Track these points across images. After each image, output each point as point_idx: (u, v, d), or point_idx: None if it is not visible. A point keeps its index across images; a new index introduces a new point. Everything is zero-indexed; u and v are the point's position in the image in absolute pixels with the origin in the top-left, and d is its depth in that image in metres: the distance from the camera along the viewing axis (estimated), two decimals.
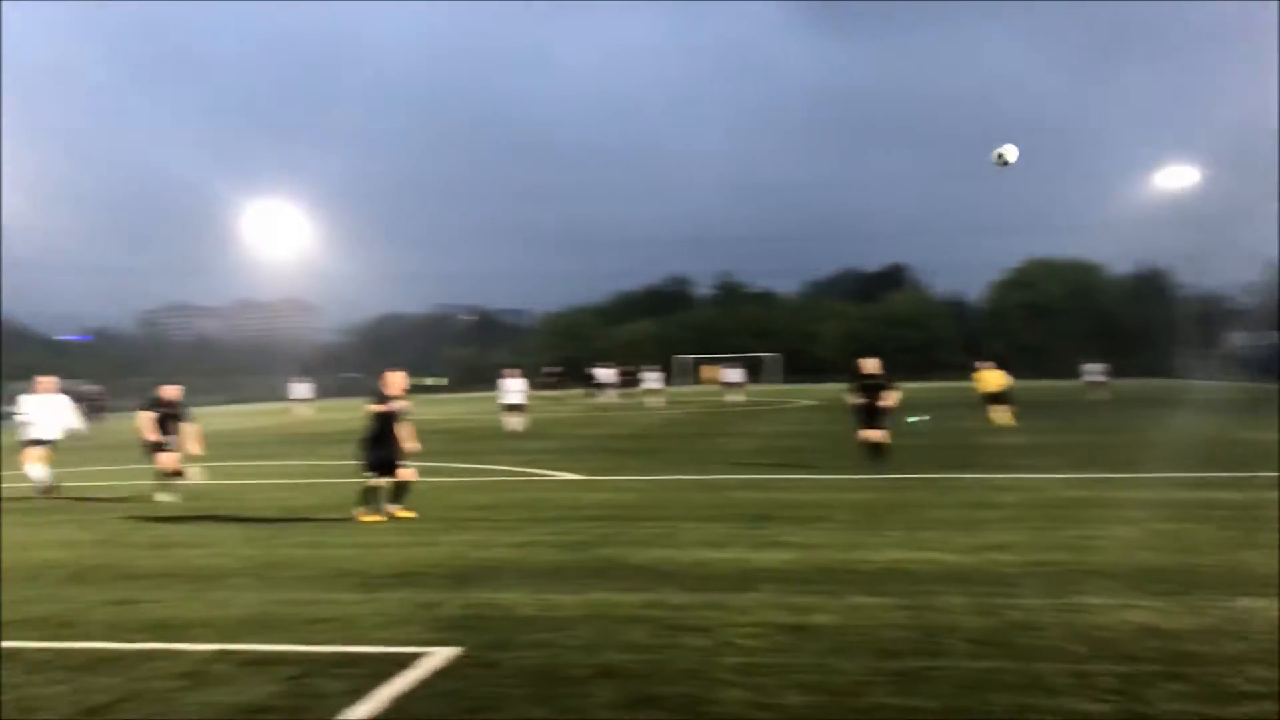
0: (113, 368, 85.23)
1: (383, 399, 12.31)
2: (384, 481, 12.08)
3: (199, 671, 6.00)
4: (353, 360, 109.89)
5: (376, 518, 11.77)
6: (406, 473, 12.21)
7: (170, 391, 15.24)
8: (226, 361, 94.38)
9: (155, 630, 6.98)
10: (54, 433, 15.23)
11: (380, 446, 12.12)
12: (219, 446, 27.44)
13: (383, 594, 7.91)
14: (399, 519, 11.83)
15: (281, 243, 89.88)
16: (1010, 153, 14.25)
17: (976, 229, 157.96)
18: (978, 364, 27.70)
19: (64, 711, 5.35)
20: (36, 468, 14.88)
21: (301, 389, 47.10)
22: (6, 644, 6.73)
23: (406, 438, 12.33)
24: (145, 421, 14.72)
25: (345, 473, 17.82)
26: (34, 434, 15.01)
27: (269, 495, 14.87)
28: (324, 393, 67.97)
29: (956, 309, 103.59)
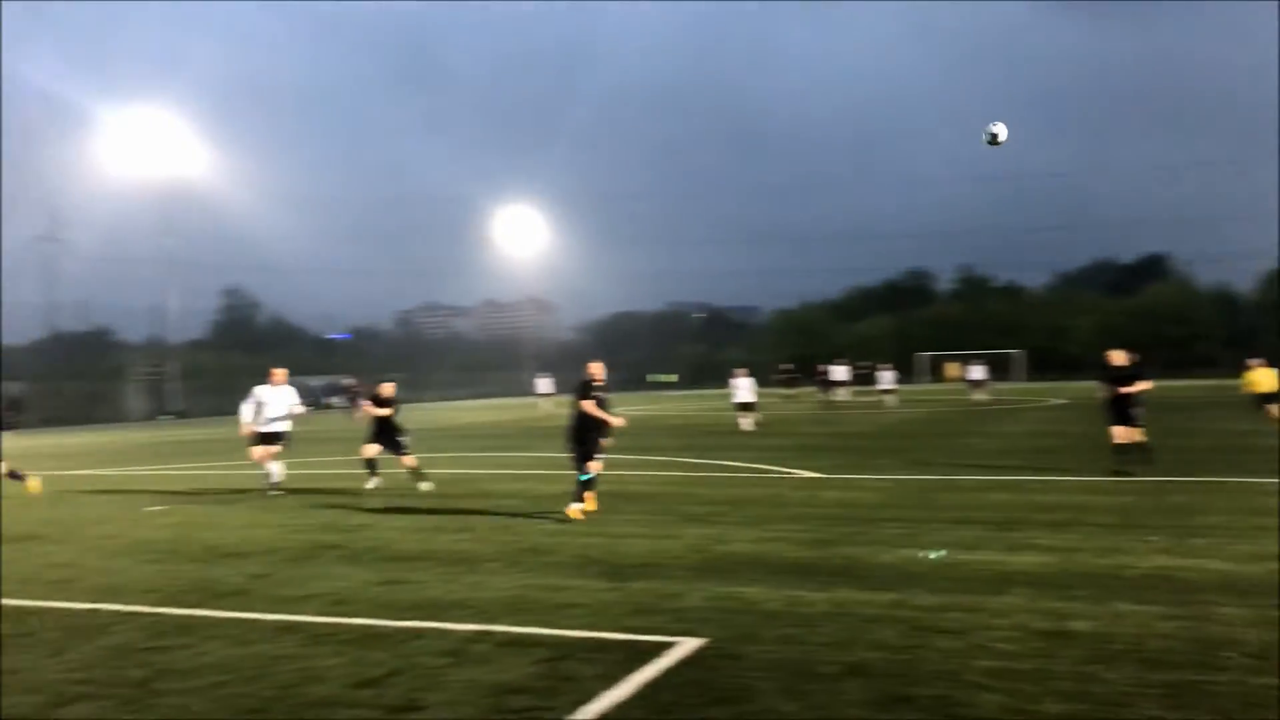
0: (372, 364, 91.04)
1: (584, 391, 12.11)
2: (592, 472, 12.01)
3: (460, 650, 6.31)
4: (589, 357, 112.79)
5: (587, 509, 11.79)
6: (596, 465, 12.04)
7: (387, 389, 15.92)
8: (475, 358, 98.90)
9: (420, 609, 7.40)
10: (285, 423, 15.57)
11: (585, 440, 12.00)
12: (468, 439, 28.86)
13: (629, 583, 8.08)
14: (585, 512, 11.73)
15: (524, 245, 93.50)
16: (1001, 131, 13.50)
17: (1244, 216, 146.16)
18: (1249, 361, 25.52)
19: (343, 682, 5.74)
20: (272, 463, 15.25)
21: (544, 384, 48.84)
22: (290, 617, 7.30)
23: (607, 432, 12.14)
24: (369, 415, 15.81)
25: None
26: (267, 424, 15.35)
27: (517, 485, 15.49)
28: (563, 389, 70.35)
29: (1223, 301, 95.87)
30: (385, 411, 15.71)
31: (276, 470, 15.28)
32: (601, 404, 12.03)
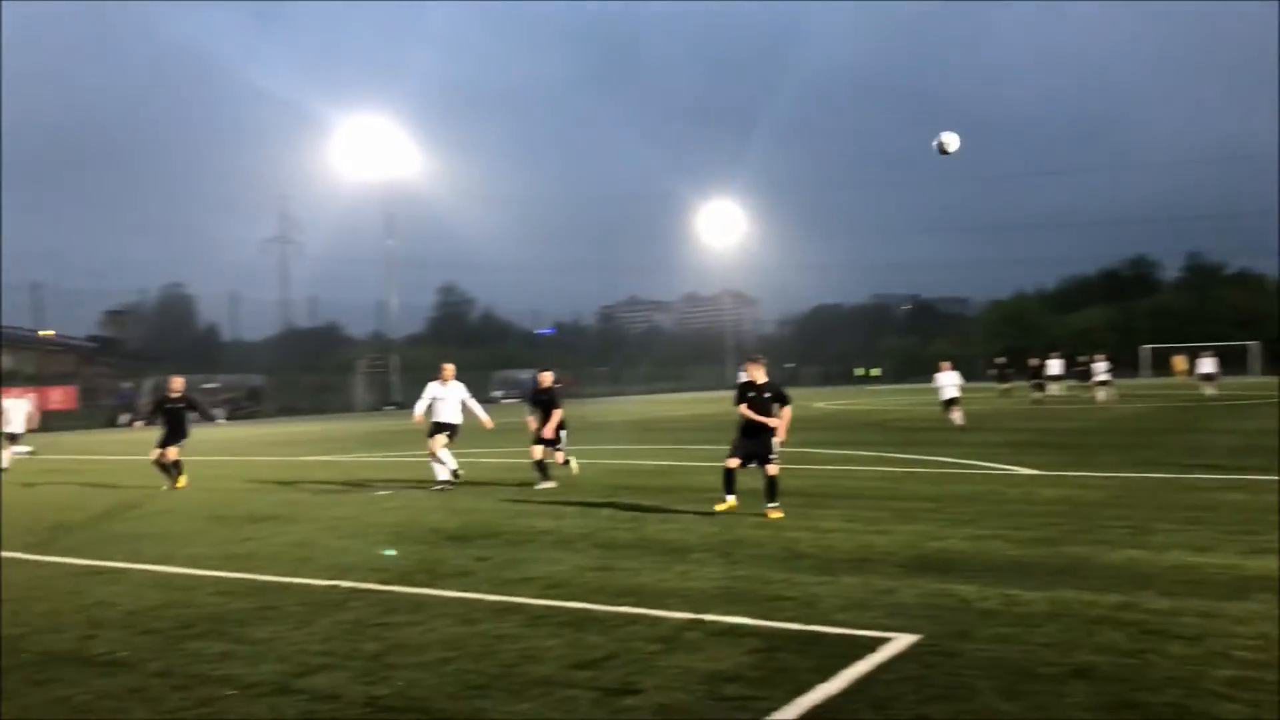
0: (577, 358, 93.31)
1: (745, 391, 11.90)
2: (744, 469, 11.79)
3: (673, 637, 6.42)
4: (789, 351, 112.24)
5: (729, 506, 11.56)
6: (772, 468, 11.62)
7: (546, 379, 15.82)
8: (675, 353, 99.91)
9: (632, 595, 7.57)
10: (456, 417, 15.58)
11: (747, 437, 11.75)
12: (670, 432, 29.23)
13: (840, 577, 8.02)
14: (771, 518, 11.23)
15: (725, 238, 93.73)
16: (951, 141, 13.01)
17: None
18: None
19: (561, 662, 5.94)
20: (444, 453, 15.27)
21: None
22: (511, 599, 7.61)
23: (779, 430, 11.77)
24: (529, 411, 15.67)
25: (787, 460, 18.28)
26: (441, 419, 15.44)
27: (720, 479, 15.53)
28: None
29: None
30: (551, 418, 15.35)
31: (445, 464, 15.26)
32: (758, 406, 11.74)
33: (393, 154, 68.28)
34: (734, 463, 11.70)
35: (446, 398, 15.60)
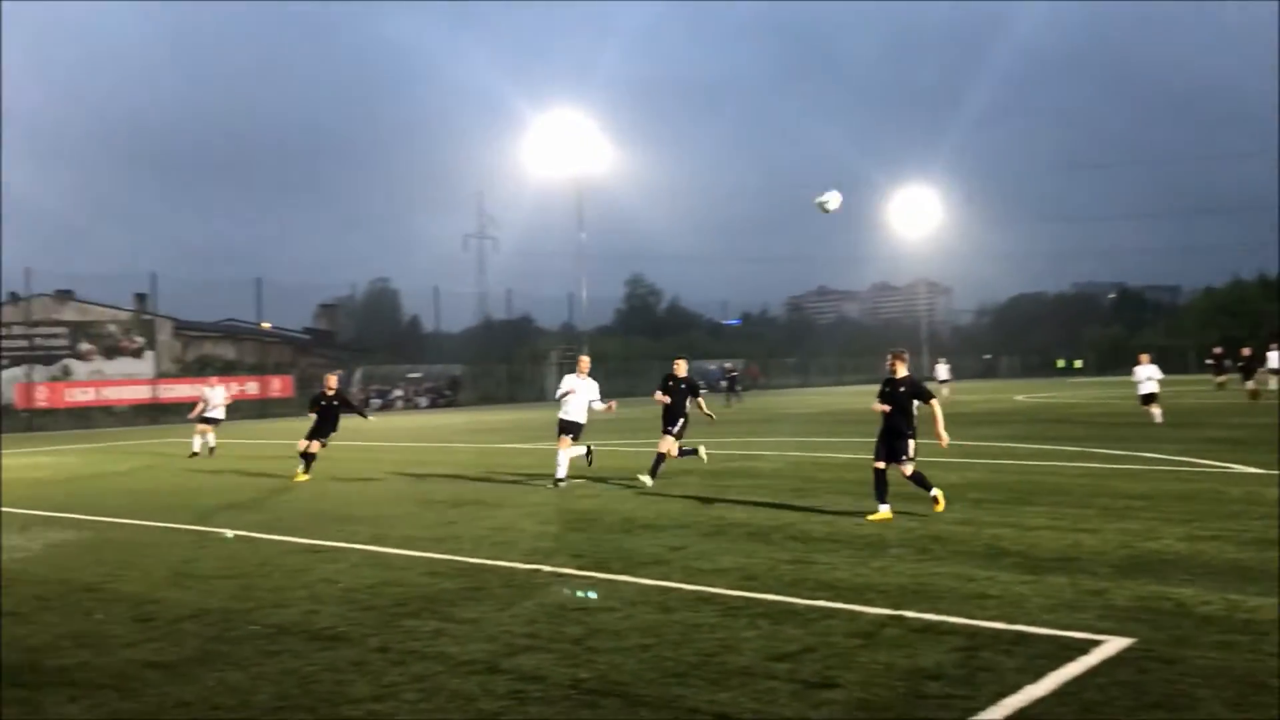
0: (764, 349, 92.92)
1: (887, 387, 11.33)
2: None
3: (872, 633, 6.35)
4: (986, 342, 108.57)
5: (884, 516, 10.81)
6: (907, 468, 11.09)
7: (680, 368, 15.20)
8: (865, 343, 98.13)
9: (829, 590, 7.52)
10: (581, 416, 15.20)
11: (887, 436, 11.21)
12: (859, 424, 28.73)
13: (1046, 577, 7.75)
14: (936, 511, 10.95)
15: (918, 226, 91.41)
16: (832, 200, 12.78)
17: None
18: None
19: (759, 654, 5.97)
20: (564, 454, 14.83)
21: (942, 370, 47.64)
22: (706, 589, 7.68)
23: (936, 430, 11.25)
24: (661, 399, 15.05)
25: (987, 454, 17.71)
26: (568, 416, 15.10)
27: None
28: (962, 374, 68.12)
29: None
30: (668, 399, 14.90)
31: (565, 461, 14.81)
32: (894, 402, 11.19)
33: (584, 149, 69.58)
34: (880, 465, 11.14)
35: (578, 391, 15.21)
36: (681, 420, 14.98)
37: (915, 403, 11.21)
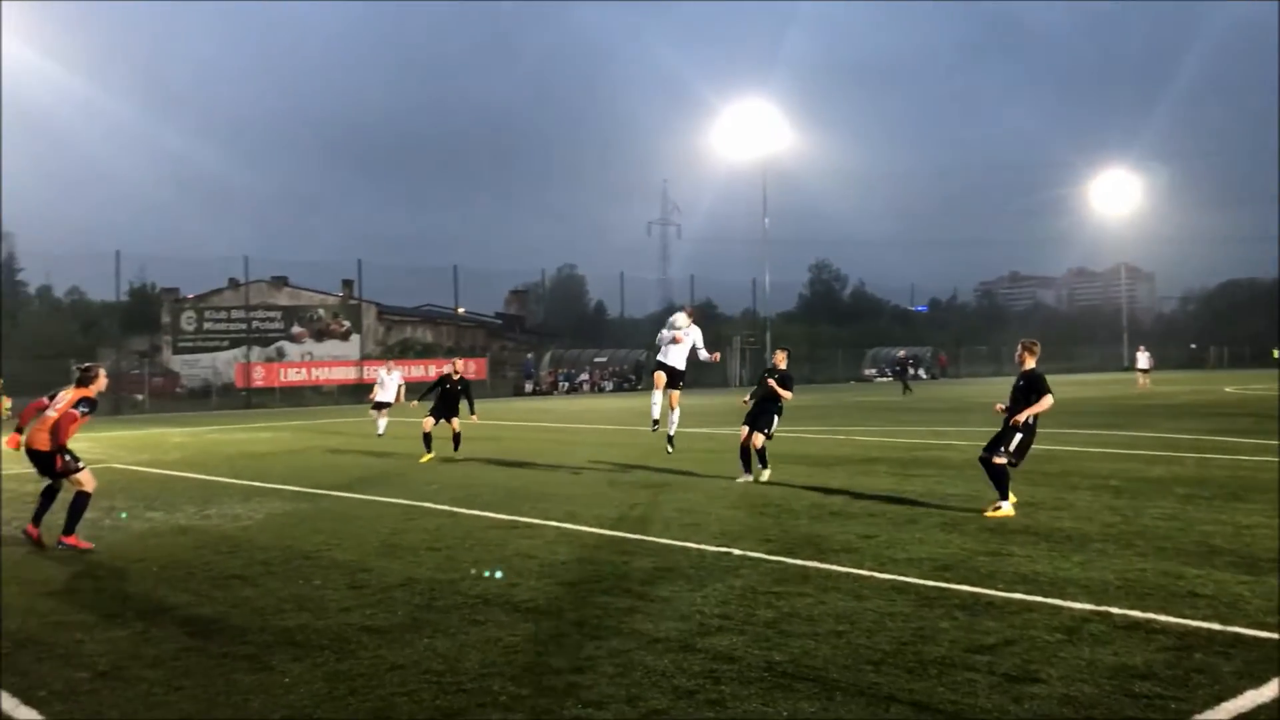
0: (953, 336, 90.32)
1: (1020, 380, 10.80)
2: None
3: (1074, 628, 6.15)
4: (1192, 330, 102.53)
5: (1001, 513, 10.24)
6: (999, 459, 10.46)
7: (780, 360, 14.39)
8: (1061, 331, 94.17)
9: (1028, 583, 7.31)
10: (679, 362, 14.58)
11: (1027, 429, 10.57)
12: (1056, 415, 27.61)
13: (1265, 577, 7.32)
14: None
15: (1119, 208, 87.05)
16: (680, 320, 13.13)
17: None
18: None
19: (957, 645, 5.87)
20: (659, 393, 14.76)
21: (1141, 359, 45.39)
22: (900, 578, 7.60)
23: (1030, 412, 10.57)
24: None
25: (1193, 447, 16.77)
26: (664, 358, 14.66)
27: (1115, 465, 14.56)
28: (1166, 364, 64.57)
29: None
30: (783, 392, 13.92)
31: (658, 402, 14.79)
32: (1022, 394, 10.66)
33: (770, 134, 69.27)
34: (999, 460, 10.53)
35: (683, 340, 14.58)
36: (775, 417, 14.01)
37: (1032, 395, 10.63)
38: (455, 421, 18.16)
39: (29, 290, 75.55)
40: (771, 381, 13.97)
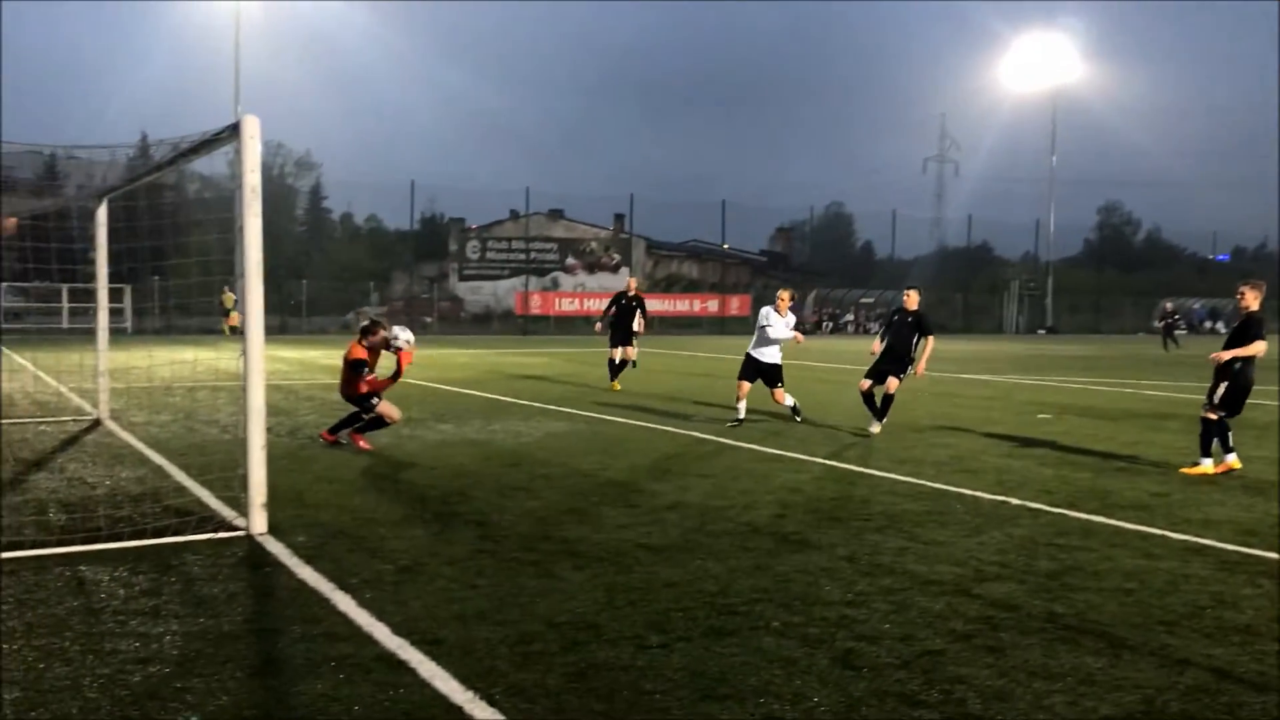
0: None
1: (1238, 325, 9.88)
2: None
3: None
4: None
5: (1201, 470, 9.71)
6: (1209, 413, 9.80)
7: (911, 299, 12.86)
8: None
9: None
10: (775, 356, 13.18)
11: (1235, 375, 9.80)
12: None
13: None
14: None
15: None
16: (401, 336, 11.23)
17: None
18: None
19: (1264, 614, 5.44)
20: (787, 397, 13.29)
21: None
22: (1197, 539, 7.11)
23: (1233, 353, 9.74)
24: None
25: None
26: (762, 357, 13.18)
27: None
28: None
29: None
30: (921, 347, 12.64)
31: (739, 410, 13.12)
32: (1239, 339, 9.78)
33: (1061, 65, 65.09)
34: (1208, 414, 9.91)
35: (775, 326, 13.02)
36: (909, 362, 12.77)
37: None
38: (631, 350, 18.65)
39: (333, 217, 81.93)
40: (930, 341, 12.79)
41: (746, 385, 13.14)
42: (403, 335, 11.21)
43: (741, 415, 13.13)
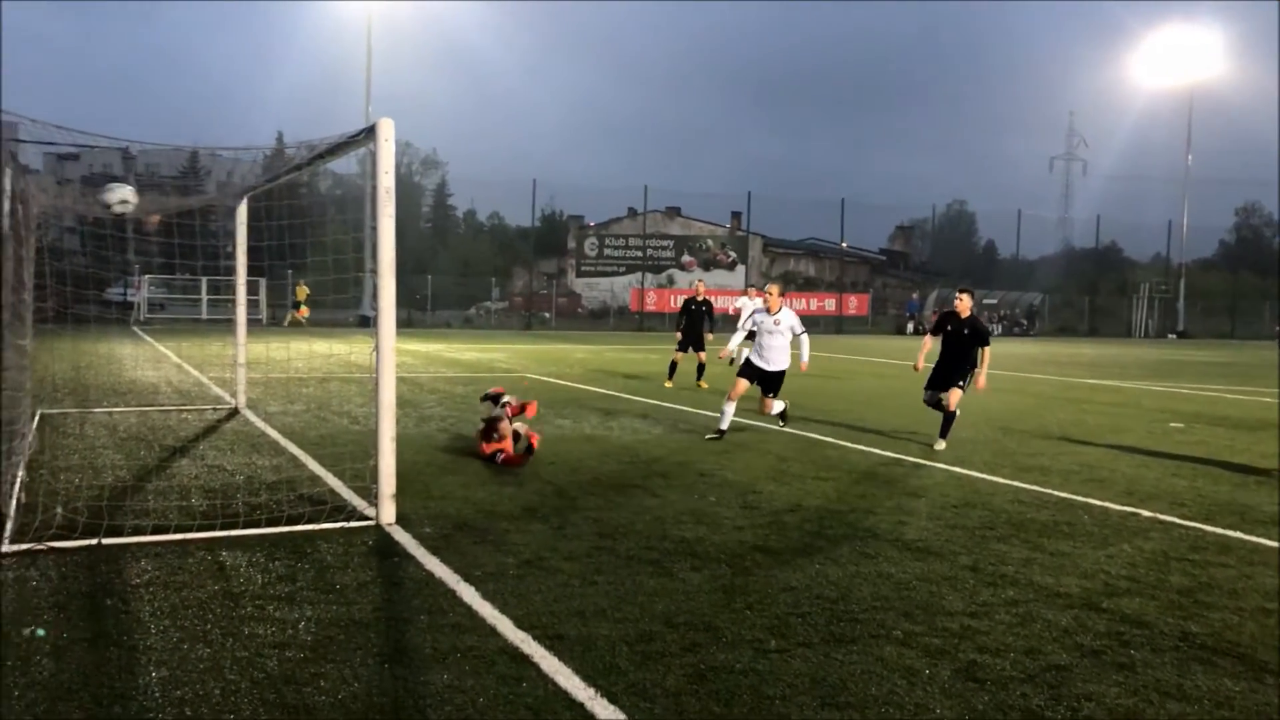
0: None
1: None
2: None
3: None
4: None
5: None
6: None
7: (963, 305, 11.60)
8: None
9: None
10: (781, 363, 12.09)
11: None
12: None
13: None
14: None
15: None
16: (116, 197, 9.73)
17: None
18: None
19: None
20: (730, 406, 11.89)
21: None
22: None
23: None
24: None
25: None
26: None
27: None
28: None
29: None
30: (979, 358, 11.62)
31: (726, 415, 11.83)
32: None
33: (1201, 61, 62.53)
34: None
35: (802, 349, 12.14)
36: (970, 370, 11.70)
37: None
38: (701, 354, 18.51)
39: (457, 214, 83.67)
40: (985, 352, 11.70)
41: (744, 385, 12.06)
42: (118, 193, 9.69)
43: (725, 426, 11.76)
